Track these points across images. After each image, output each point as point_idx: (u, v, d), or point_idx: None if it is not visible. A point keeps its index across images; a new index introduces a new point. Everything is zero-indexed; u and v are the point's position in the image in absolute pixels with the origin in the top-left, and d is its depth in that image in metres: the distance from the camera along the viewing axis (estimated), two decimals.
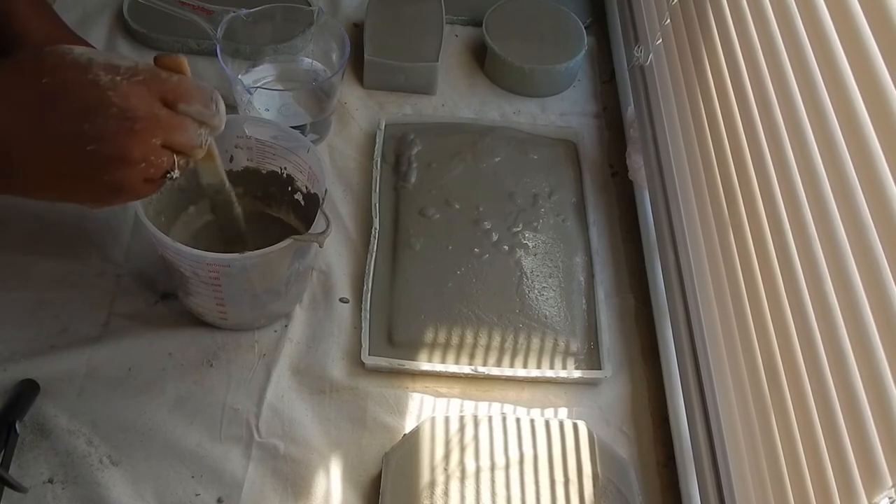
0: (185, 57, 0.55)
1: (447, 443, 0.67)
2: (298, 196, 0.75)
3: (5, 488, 0.62)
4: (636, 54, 0.86)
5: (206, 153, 0.59)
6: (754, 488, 0.56)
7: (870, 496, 0.44)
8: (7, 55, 0.61)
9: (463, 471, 0.65)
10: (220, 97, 0.56)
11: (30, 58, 0.51)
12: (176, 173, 0.55)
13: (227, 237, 0.73)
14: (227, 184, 0.68)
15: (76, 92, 0.50)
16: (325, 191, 0.67)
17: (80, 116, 0.50)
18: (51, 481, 0.65)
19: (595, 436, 0.68)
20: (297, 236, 0.64)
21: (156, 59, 0.55)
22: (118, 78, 0.51)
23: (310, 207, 0.73)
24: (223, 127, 0.57)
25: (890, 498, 0.44)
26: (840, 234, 0.49)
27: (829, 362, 0.49)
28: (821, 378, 0.49)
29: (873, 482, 0.44)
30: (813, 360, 0.50)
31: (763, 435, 0.56)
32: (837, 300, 0.49)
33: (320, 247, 0.65)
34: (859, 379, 0.46)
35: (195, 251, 0.63)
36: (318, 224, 0.65)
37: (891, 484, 0.43)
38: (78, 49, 0.51)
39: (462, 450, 0.66)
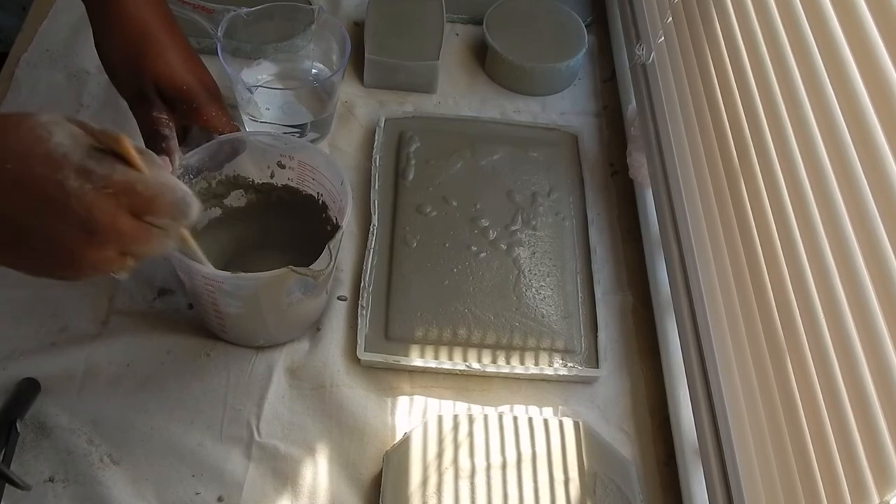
0: (124, 136, 0.49)
1: (440, 441, 0.66)
2: (328, 226, 0.74)
3: (6, 487, 0.62)
4: (638, 52, 0.86)
5: (182, 241, 0.56)
6: (763, 485, 0.56)
7: (881, 493, 0.44)
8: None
9: (457, 469, 0.65)
10: (193, 200, 0.52)
11: (1, 134, 0.48)
12: (124, 274, 0.52)
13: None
14: (205, 262, 0.63)
15: (41, 189, 0.47)
16: (342, 230, 0.66)
17: (38, 215, 0.47)
18: (52, 480, 0.65)
19: (595, 434, 0.68)
20: (293, 267, 0.62)
21: (95, 137, 0.50)
22: (87, 185, 0.47)
23: (329, 238, 0.69)
24: (194, 219, 0.53)
25: None
26: (844, 220, 0.49)
27: (837, 358, 0.49)
28: (830, 374, 0.49)
29: (884, 480, 0.44)
30: (821, 356, 0.50)
31: (772, 431, 0.56)
32: (845, 295, 0.49)
33: (316, 281, 0.64)
34: (869, 376, 0.46)
35: (190, 263, 0.62)
36: (322, 260, 0.63)
37: None
38: (58, 136, 0.47)
39: (456, 448, 0.66)
